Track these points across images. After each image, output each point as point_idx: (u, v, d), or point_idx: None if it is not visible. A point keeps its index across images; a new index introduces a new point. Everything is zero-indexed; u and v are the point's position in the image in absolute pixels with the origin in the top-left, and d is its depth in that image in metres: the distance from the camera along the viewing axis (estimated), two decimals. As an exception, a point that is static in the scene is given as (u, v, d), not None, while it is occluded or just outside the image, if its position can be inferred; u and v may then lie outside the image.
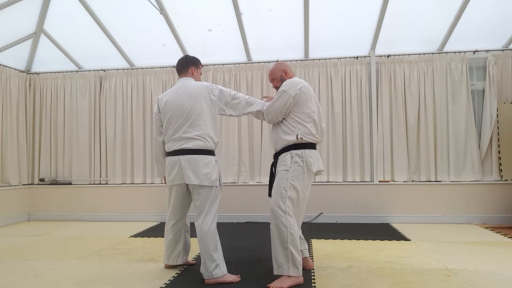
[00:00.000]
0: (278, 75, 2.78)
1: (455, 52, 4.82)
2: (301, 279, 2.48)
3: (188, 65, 2.84)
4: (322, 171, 2.71)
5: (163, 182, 2.96)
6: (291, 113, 2.62)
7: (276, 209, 2.51)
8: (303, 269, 2.56)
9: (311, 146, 2.63)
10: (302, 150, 2.57)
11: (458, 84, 4.79)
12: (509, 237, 3.85)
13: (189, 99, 2.66)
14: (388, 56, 4.92)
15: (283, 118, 2.66)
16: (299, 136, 2.57)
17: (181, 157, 2.62)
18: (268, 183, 2.78)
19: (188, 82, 2.77)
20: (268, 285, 2.44)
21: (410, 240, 3.79)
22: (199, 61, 2.92)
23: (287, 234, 2.45)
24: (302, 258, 2.66)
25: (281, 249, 2.47)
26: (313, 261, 3.01)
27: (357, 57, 4.98)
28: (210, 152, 2.68)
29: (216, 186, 2.66)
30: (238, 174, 5.12)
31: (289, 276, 2.45)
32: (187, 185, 2.68)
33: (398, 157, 4.84)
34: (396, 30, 4.66)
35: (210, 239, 2.57)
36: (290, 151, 2.58)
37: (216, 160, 2.72)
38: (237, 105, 2.78)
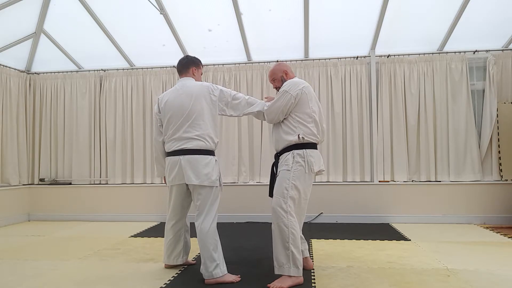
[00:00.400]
0: (279, 75, 2.79)
1: (455, 52, 4.82)
2: (301, 279, 2.49)
3: (189, 65, 2.84)
4: (323, 171, 2.72)
5: (163, 182, 2.96)
6: (292, 113, 2.63)
7: (277, 209, 2.51)
8: (303, 269, 2.56)
9: (312, 146, 2.64)
10: (304, 150, 2.58)
11: (458, 84, 4.79)
12: (509, 237, 3.85)
13: (189, 99, 2.66)
14: (388, 56, 4.92)
15: (284, 118, 2.66)
16: (300, 136, 2.57)
17: (181, 157, 2.62)
18: (268, 183, 2.78)
19: (188, 82, 2.77)
20: (268, 285, 2.44)
21: (410, 240, 3.79)
22: (200, 61, 2.92)
23: (288, 234, 2.46)
24: (302, 258, 2.66)
25: (282, 248, 2.47)
26: (313, 261, 3.01)
27: (357, 57, 4.98)
28: (210, 152, 2.68)
29: (216, 186, 2.66)
30: (238, 174, 5.12)
31: (290, 276, 2.45)
32: (187, 185, 2.68)
33: (398, 157, 4.84)
34: (396, 30, 4.66)
35: (210, 239, 2.57)
36: (291, 151, 2.59)
37: (216, 160, 2.72)
38: (238, 105, 2.78)
